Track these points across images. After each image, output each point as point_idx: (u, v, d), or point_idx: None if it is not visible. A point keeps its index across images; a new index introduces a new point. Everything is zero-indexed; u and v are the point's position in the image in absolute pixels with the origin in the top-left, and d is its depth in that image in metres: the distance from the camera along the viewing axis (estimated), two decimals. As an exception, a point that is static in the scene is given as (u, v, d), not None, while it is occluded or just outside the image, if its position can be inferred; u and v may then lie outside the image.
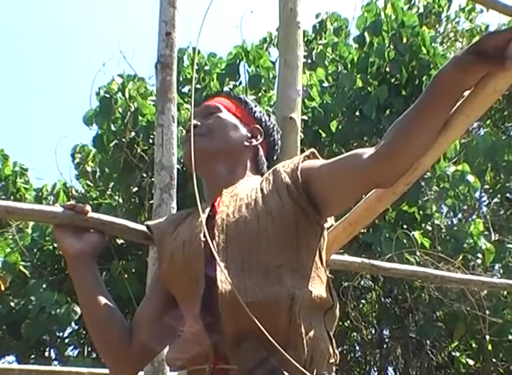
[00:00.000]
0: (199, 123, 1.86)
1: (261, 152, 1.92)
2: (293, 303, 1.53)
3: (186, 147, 1.82)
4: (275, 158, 1.98)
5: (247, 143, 1.88)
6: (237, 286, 1.53)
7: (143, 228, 1.97)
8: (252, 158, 1.89)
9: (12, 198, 8.04)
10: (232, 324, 1.51)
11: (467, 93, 1.60)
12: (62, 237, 1.78)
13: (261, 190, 1.70)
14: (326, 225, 1.73)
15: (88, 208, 1.84)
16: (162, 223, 1.87)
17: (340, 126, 7.36)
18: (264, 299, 1.52)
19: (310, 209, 1.64)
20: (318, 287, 1.61)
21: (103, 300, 1.77)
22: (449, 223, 7.86)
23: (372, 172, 1.57)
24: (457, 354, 7.58)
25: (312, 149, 1.79)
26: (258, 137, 1.91)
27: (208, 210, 1.73)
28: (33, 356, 7.52)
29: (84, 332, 7.76)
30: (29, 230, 7.69)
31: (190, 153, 1.74)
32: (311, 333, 1.53)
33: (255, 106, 1.95)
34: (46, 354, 7.71)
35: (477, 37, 8.72)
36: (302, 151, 2.00)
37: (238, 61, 7.67)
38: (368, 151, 1.60)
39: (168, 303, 1.76)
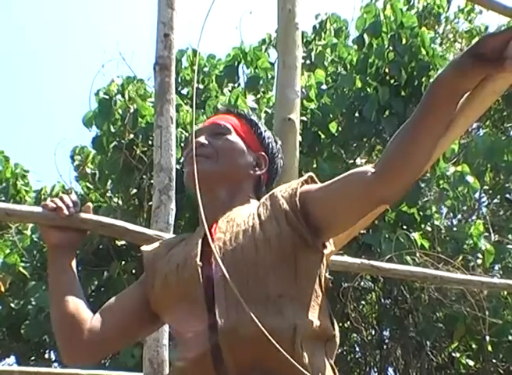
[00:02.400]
0: (206, 142, 1.79)
1: (263, 181, 1.86)
2: (296, 334, 1.50)
3: (189, 167, 1.77)
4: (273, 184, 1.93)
5: (251, 171, 1.82)
6: (237, 319, 1.50)
7: (142, 230, 1.97)
8: (253, 186, 1.83)
9: (12, 200, 8.04)
10: (234, 359, 1.49)
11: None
12: (46, 227, 1.83)
13: (259, 216, 1.65)
14: (326, 251, 1.68)
15: (89, 205, 1.89)
16: (155, 247, 1.83)
17: (340, 128, 7.36)
18: (266, 331, 1.47)
19: (309, 236, 1.60)
20: (318, 316, 1.58)
21: (72, 287, 1.79)
22: (449, 223, 7.86)
23: (375, 190, 1.54)
24: (457, 354, 7.58)
25: (310, 173, 1.74)
26: (263, 166, 1.85)
27: (202, 234, 1.69)
28: (33, 358, 7.52)
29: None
30: (28, 232, 7.69)
31: (193, 174, 1.70)
32: (315, 364, 1.51)
33: (265, 131, 1.89)
34: (46, 355, 7.72)
35: (476, 38, 8.72)
36: (301, 152, 2.00)
37: (236, 62, 7.67)
38: (368, 170, 1.56)
39: (140, 314, 1.74)
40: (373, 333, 8.17)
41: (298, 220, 1.60)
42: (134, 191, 7.28)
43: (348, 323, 7.41)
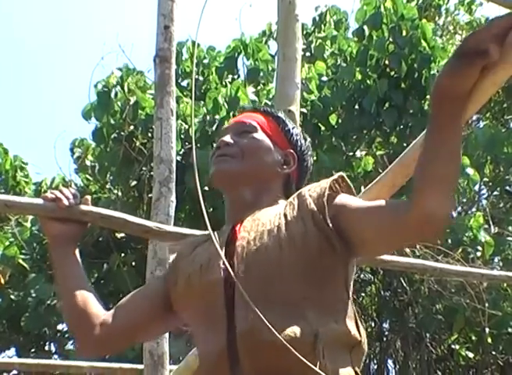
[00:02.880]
0: (231, 141, 1.73)
1: (292, 179, 1.78)
2: (317, 340, 1.44)
3: (215, 167, 1.73)
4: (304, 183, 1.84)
5: (279, 169, 1.74)
6: (256, 322, 1.44)
7: (142, 221, 1.96)
8: (282, 185, 1.76)
9: (11, 192, 8.04)
10: (251, 363, 1.45)
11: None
12: (46, 219, 1.82)
13: (285, 215, 1.59)
14: (354, 257, 1.62)
15: (88, 197, 1.87)
16: (181, 245, 1.79)
17: (340, 120, 7.36)
18: (286, 338, 1.43)
19: (336, 240, 1.54)
20: (343, 322, 1.51)
21: (79, 280, 1.78)
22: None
23: (413, 228, 1.45)
24: (457, 346, 7.60)
25: (341, 173, 1.67)
26: (291, 163, 1.77)
27: (227, 233, 1.65)
28: (33, 350, 7.53)
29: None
30: (28, 224, 7.70)
31: (219, 175, 1.69)
32: (337, 372, 1.46)
33: (292, 128, 1.81)
34: (46, 348, 7.73)
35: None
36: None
37: (236, 54, 7.66)
38: (401, 206, 1.47)
39: (157, 310, 1.71)
40: (373, 325, 8.18)
41: (325, 222, 1.54)
42: (134, 183, 7.28)
43: (348, 315, 7.42)
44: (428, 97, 7.17)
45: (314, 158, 6.96)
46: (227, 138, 1.74)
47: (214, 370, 1.51)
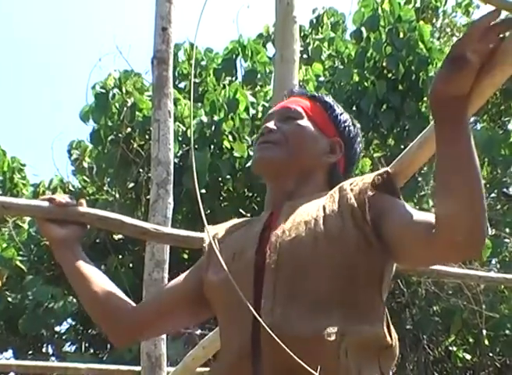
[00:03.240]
0: (274, 127, 1.67)
1: (338, 167, 1.70)
2: (343, 340, 1.38)
3: (257, 154, 1.67)
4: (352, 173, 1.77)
5: (324, 158, 1.67)
6: (283, 318, 1.41)
7: (139, 223, 1.96)
8: (326, 174, 1.68)
9: (9, 193, 8.03)
10: (273, 361, 1.39)
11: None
12: (46, 225, 1.80)
13: (324, 208, 1.52)
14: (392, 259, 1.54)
15: (83, 200, 1.86)
16: (217, 230, 1.72)
17: (337, 121, 7.35)
18: (311, 334, 1.38)
19: (374, 240, 1.47)
20: (373, 323, 1.45)
21: (95, 274, 1.76)
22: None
23: (443, 252, 1.40)
24: (454, 348, 7.60)
25: (387, 168, 1.59)
26: (337, 152, 1.69)
27: (264, 220, 1.60)
28: (30, 352, 7.53)
29: (82, 328, 7.77)
30: (25, 226, 7.69)
31: (261, 162, 1.65)
32: (359, 373, 1.39)
33: (341, 114, 1.73)
34: (44, 349, 7.73)
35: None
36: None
37: (234, 56, 7.67)
38: (430, 226, 1.39)
39: (190, 298, 1.67)
40: (370, 326, 8.17)
41: (364, 219, 1.48)
42: (131, 184, 7.28)
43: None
44: (425, 99, 7.18)
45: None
46: (271, 124, 1.68)
47: (236, 363, 1.47)
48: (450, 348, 7.67)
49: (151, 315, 1.70)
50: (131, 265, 7.12)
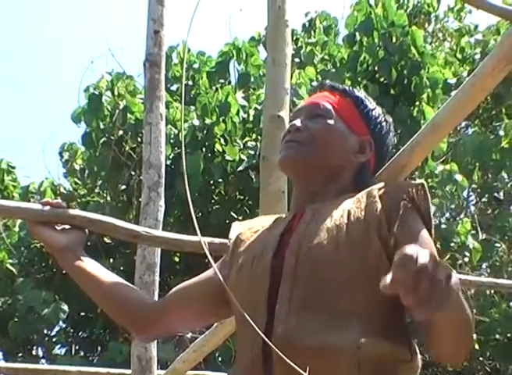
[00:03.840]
0: (301, 126, 1.61)
1: (368, 166, 1.63)
2: (359, 353, 1.32)
3: (283, 153, 1.61)
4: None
5: (352, 158, 1.60)
6: (296, 327, 1.36)
7: (130, 226, 1.96)
8: (354, 174, 1.61)
9: (-1, 195, 8.01)
10: (284, 372, 1.32)
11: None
12: (45, 232, 1.75)
13: (349, 215, 1.45)
14: None
15: (72, 205, 1.84)
16: (244, 226, 1.67)
17: (329, 125, 7.36)
18: (325, 345, 1.33)
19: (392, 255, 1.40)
20: (391, 337, 1.38)
21: (105, 274, 1.74)
22: (437, 222, 7.88)
23: None
24: (445, 352, 7.60)
25: (422, 181, 1.50)
26: (367, 151, 1.62)
27: (286, 223, 1.55)
28: (20, 354, 7.50)
29: (72, 330, 7.75)
30: (16, 228, 7.67)
31: (287, 162, 1.60)
32: None
33: (372, 110, 1.66)
34: (34, 352, 7.70)
35: (465, 37, 8.75)
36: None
37: (228, 59, 7.67)
38: None
39: (212, 299, 1.62)
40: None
41: (389, 234, 1.41)
42: (123, 187, 7.27)
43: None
44: (417, 103, 7.20)
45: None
46: (298, 122, 1.62)
47: (249, 371, 1.43)
48: (441, 352, 7.67)
49: (173, 308, 1.67)
50: (122, 268, 7.11)
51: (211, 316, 1.76)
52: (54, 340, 7.68)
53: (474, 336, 6.72)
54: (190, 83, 7.88)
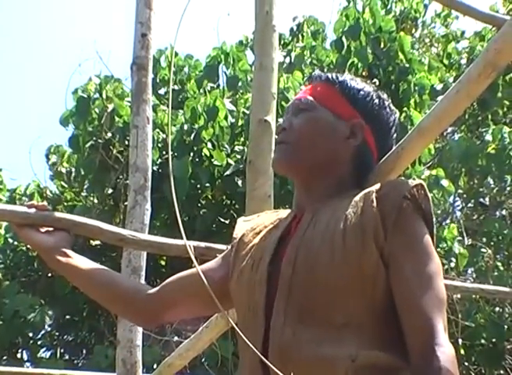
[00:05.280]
0: (286, 126, 1.58)
1: (367, 150, 1.58)
2: (354, 365, 1.31)
3: (274, 156, 1.60)
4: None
5: (344, 144, 1.55)
6: (292, 338, 1.34)
7: (116, 229, 1.96)
8: (352, 162, 1.55)
9: (-15, 198, 7.96)
10: None
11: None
12: (31, 235, 1.75)
13: (345, 221, 1.40)
14: None
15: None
16: (249, 225, 1.64)
17: (317, 130, 7.37)
18: (321, 358, 1.32)
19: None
20: (387, 346, 1.35)
21: (98, 270, 1.75)
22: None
23: None
24: (430, 357, 7.62)
25: (420, 182, 1.46)
26: (359, 134, 1.56)
27: (285, 226, 1.53)
28: (4, 357, 7.45)
29: (57, 334, 7.71)
30: (2, 231, 7.63)
31: (277, 165, 1.58)
32: None
33: (359, 90, 1.61)
34: (18, 355, 7.65)
35: (452, 43, 8.80)
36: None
37: (217, 63, 7.67)
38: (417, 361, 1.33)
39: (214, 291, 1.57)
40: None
41: (385, 241, 1.38)
42: (110, 191, 7.25)
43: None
44: (404, 109, 7.23)
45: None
46: (283, 123, 1.60)
47: None
48: (426, 357, 7.69)
49: (174, 299, 1.67)
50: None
51: (212, 308, 1.71)
52: (39, 343, 7.63)
53: (460, 341, 6.75)
54: (179, 87, 7.88)
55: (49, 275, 6.86)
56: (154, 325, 1.80)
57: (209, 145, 6.91)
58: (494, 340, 7.02)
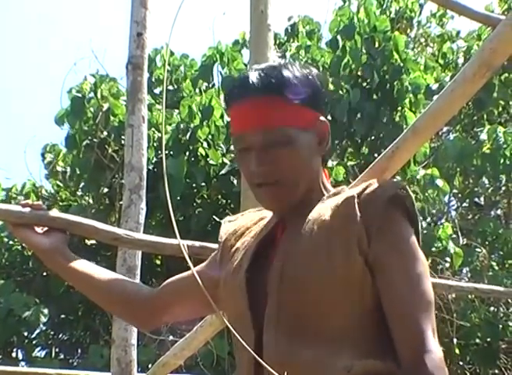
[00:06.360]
0: (265, 169, 1.42)
1: (325, 138, 1.48)
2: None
3: (266, 199, 1.47)
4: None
5: (317, 155, 1.47)
6: (288, 352, 1.33)
7: (111, 229, 1.95)
8: (322, 164, 1.51)
9: (-20, 197, 7.95)
10: None
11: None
12: (28, 235, 1.74)
13: (328, 229, 1.38)
14: None
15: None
16: (233, 226, 1.60)
17: (312, 129, 7.38)
18: (316, 371, 1.32)
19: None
20: (380, 352, 1.35)
21: (96, 271, 1.75)
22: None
23: None
24: (425, 357, 7.63)
25: (401, 183, 1.43)
26: (326, 134, 1.48)
27: (267, 231, 1.49)
28: (-1, 357, 7.45)
29: (52, 333, 7.70)
30: (-3, 230, 7.61)
31: (273, 205, 1.47)
32: None
33: (295, 86, 1.42)
34: (13, 354, 7.64)
35: (447, 43, 8.81)
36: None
37: (212, 62, 7.67)
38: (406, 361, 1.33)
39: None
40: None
41: (369, 247, 1.35)
42: (105, 190, 7.25)
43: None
44: (399, 108, 7.24)
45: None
46: (256, 162, 1.42)
47: None
48: (421, 357, 7.70)
49: (170, 302, 1.67)
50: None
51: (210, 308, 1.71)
52: (34, 342, 7.63)
53: (455, 340, 6.76)
54: (174, 86, 7.87)
55: (44, 274, 6.86)
56: (152, 327, 1.80)
57: (205, 144, 6.91)
58: (489, 339, 7.04)
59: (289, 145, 1.42)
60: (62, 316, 7.40)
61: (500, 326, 7.06)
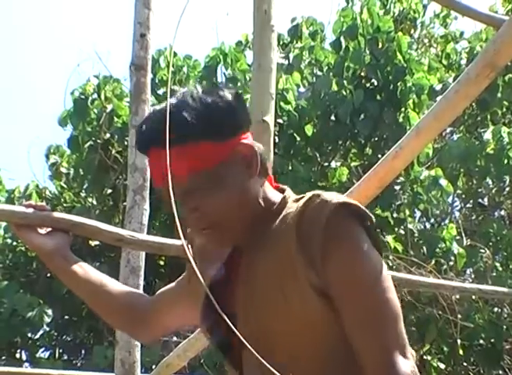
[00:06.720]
0: (198, 218, 1.38)
1: (252, 160, 1.40)
2: None
3: (208, 242, 1.45)
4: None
5: (249, 181, 1.39)
6: None
7: (114, 229, 1.96)
8: (260, 186, 1.42)
9: (-17, 198, 7.96)
10: None
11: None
12: (30, 235, 1.74)
13: (282, 270, 1.33)
14: None
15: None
16: (199, 251, 1.56)
17: (315, 130, 7.39)
18: None
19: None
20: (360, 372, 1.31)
21: (96, 278, 1.75)
22: (422, 227, 7.91)
23: None
24: (429, 357, 7.63)
25: (337, 199, 1.32)
26: (253, 158, 1.39)
27: (223, 261, 1.47)
28: (3, 357, 7.46)
29: (56, 334, 7.71)
30: (0, 231, 7.63)
31: (217, 246, 1.45)
32: None
33: (196, 126, 1.33)
34: (17, 355, 7.66)
35: (451, 43, 8.80)
36: (276, 154, 1.98)
37: (216, 63, 7.68)
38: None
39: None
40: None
41: (319, 279, 1.30)
42: (109, 191, 7.25)
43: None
44: (402, 109, 7.23)
45: (290, 168, 6.98)
46: (189, 216, 1.39)
47: None
48: (425, 357, 7.70)
49: (161, 313, 1.68)
50: (107, 272, 7.08)
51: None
52: (38, 343, 7.64)
53: (459, 341, 6.76)
54: (178, 87, 7.87)
55: (48, 275, 6.86)
56: (151, 338, 1.80)
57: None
58: (493, 340, 7.03)
59: (209, 189, 1.35)
60: (66, 316, 7.41)
61: (504, 327, 7.05)
